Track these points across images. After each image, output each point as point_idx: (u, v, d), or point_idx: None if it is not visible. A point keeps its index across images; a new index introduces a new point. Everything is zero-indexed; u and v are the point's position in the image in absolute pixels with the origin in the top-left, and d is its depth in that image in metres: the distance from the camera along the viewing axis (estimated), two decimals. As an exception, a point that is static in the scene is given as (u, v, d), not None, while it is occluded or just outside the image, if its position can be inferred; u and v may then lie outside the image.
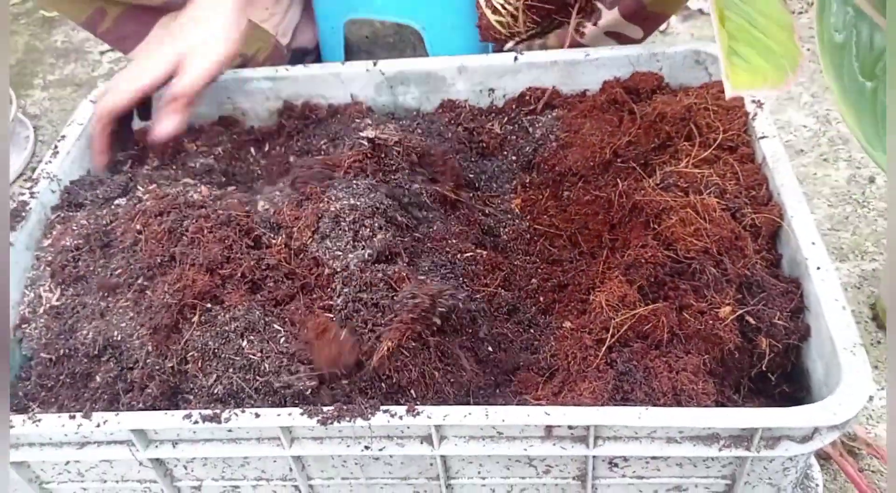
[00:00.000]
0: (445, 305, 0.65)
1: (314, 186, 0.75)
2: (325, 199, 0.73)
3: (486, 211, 0.84)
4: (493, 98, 0.95)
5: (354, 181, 0.75)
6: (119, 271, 0.73)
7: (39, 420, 0.62)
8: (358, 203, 0.71)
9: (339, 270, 0.69)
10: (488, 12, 0.75)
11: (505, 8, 0.74)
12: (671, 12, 0.96)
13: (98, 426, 0.60)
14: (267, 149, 0.96)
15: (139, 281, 0.71)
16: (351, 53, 1.22)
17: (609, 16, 0.95)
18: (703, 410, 0.58)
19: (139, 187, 0.83)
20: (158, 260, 0.70)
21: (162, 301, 0.67)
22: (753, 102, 0.81)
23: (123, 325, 0.69)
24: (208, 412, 0.60)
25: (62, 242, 0.79)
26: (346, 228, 0.70)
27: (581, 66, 0.91)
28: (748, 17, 0.53)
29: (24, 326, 0.76)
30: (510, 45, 0.78)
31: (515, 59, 0.92)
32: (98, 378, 0.69)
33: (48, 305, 0.77)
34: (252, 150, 0.96)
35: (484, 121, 0.93)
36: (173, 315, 0.66)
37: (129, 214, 0.77)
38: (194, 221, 0.72)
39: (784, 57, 0.52)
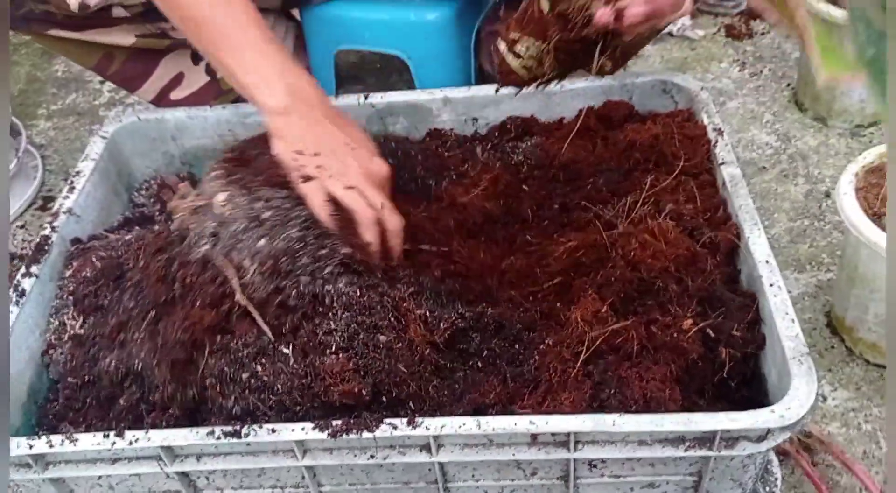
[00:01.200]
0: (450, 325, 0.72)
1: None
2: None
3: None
4: (477, 126, 1.02)
5: None
6: (131, 305, 0.80)
7: (77, 439, 0.68)
8: None
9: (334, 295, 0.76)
10: (510, 57, 0.79)
11: (528, 51, 0.78)
12: (631, 55, 1.04)
13: (130, 443, 0.67)
14: None
15: (151, 315, 0.77)
16: (340, 78, 1.29)
17: None
18: (669, 415, 0.65)
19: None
20: (163, 299, 0.77)
21: (175, 338, 0.73)
22: (714, 130, 0.89)
23: (142, 355, 0.75)
24: (229, 428, 0.67)
25: (82, 272, 0.86)
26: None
27: (557, 96, 0.99)
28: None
29: (50, 352, 0.82)
30: (530, 89, 0.83)
31: (497, 90, 0.99)
32: (122, 401, 0.76)
33: (72, 332, 0.83)
34: None
35: (469, 147, 1.01)
36: (187, 349, 0.73)
37: (134, 250, 0.84)
38: (182, 265, 0.77)
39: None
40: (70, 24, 0.95)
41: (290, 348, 0.72)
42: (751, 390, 0.75)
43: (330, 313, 0.74)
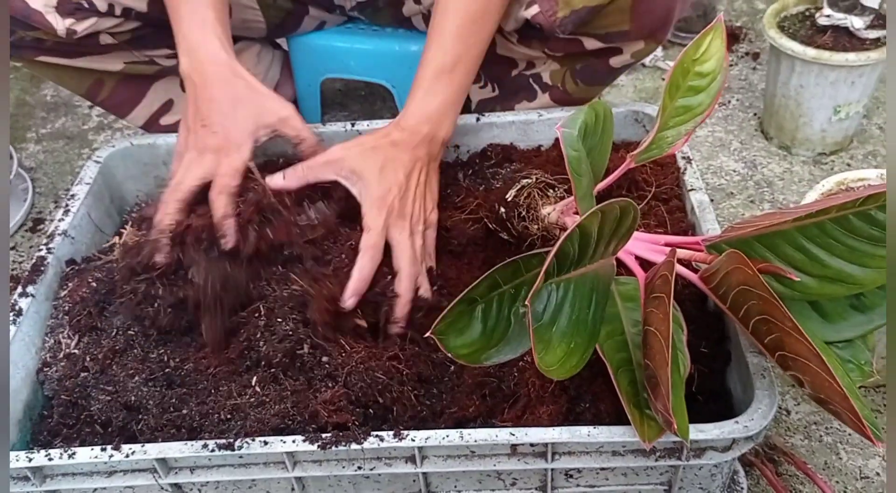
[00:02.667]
0: None
1: None
2: None
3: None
4: (459, 153, 1.07)
5: None
6: (119, 332, 0.84)
7: (75, 453, 0.71)
8: None
9: None
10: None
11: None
12: (593, 97, 1.10)
13: (127, 456, 0.70)
14: None
15: (139, 345, 0.83)
16: (325, 104, 1.34)
17: (542, 99, 1.10)
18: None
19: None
20: (150, 333, 0.82)
21: (163, 372, 0.79)
22: (683, 158, 0.94)
23: (132, 386, 0.80)
24: (223, 441, 0.70)
25: (77, 293, 0.89)
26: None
27: (535, 125, 1.04)
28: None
29: (45, 369, 0.85)
30: None
31: (478, 119, 1.04)
32: (115, 422, 0.79)
33: (67, 350, 0.86)
34: None
35: (451, 174, 1.05)
36: (178, 382, 0.79)
37: (117, 274, 0.87)
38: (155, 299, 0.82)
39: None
40: (59, 50, 0.98)
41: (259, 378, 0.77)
42: (717, 404, 0.79)
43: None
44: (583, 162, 0.73)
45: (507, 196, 0.88)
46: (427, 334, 0.63)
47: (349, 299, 0.77)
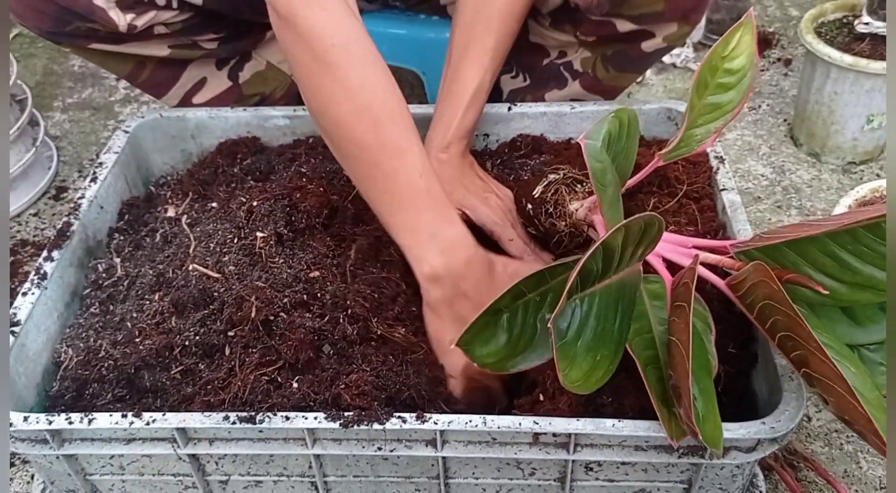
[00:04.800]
0: None
1: None
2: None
3: None
4: (488, 142, 1.06)
5: None
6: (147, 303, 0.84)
7: (93, 418, 0.71)
8: None
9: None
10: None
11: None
12: (626, 86, 1.10)
13: (148, 423, 0.70)
14: None
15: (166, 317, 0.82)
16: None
17: (573, 86, 1.09)
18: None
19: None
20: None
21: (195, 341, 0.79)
22: (716, 157, 0.93)
23: (155, 352, 0.78)
24: (245, 414, 0.69)
25: (109, 270, 0.90)
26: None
27: (567, 117, 1.03)
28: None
29: (66, 337, 0.85)
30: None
31: (509, 109, 1.03)
32: (136, 385, 0.78)
33: (91, 321, 0.86)
34: None
35: (479, 162, 1.04)
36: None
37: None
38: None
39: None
40: (110, 38, 0.98)
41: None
42: (741, 406, 0.79)
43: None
44: (607, 172, 0.72)
45: (533, 192, 0.87)
46: (453, 346, 0.63)
47: None
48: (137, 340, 0.80)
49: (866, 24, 1.21)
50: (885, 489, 0.87)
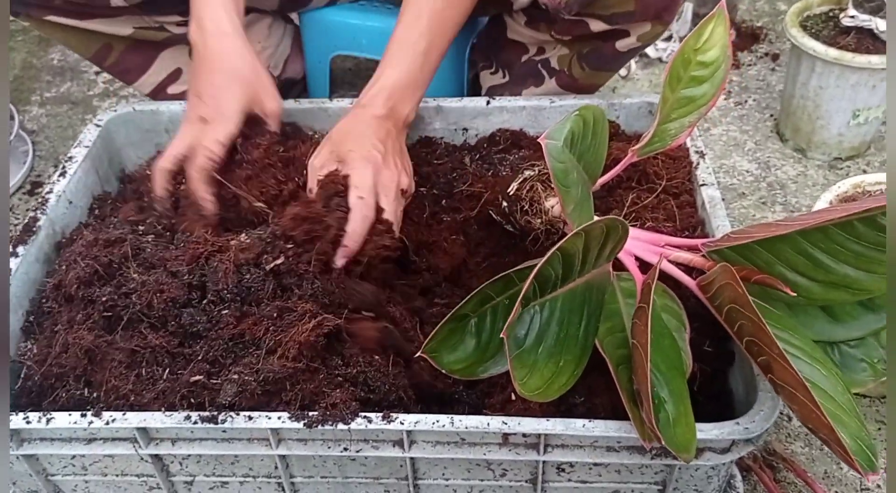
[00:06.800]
0: None
1: None
2: None
3: None
4: (467, 137, 1.05)
5: None
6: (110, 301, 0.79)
7: (52, 417, 0.69)
8: None
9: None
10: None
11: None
12: (602, 84, 1.09)
13: (107, 423, 0.68)
14: None
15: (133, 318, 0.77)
16: (335, 84, 1.31)
17: (549, 84, 1.08)
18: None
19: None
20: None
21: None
22: (696, 152, 0.92)
23: (119, 356, 0.75)
24: (206, 414, 0.68)
25: (73, 268, 0.87)
26: None
27: (546, 111, 1.02)
28: None
29: (28, 338, 0.82)
30: None
31: (488, 103, 1.02)
32: (94, 384, 0.76)
33: (52, 321, 0.83)
34: None
35: (457, 157, 1.03)
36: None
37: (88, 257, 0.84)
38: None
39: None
40: (68, 10, 0.96)
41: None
42: (718, 404, 0.77)
43: None
44: (570, 172, 0.70)
45: (508, 189, 0.85)
46: (417, 353, 0.62)
47: (340, 260, 0.75)
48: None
49: (852, 17, 1.20)
50: (865, 490, 0.86)
